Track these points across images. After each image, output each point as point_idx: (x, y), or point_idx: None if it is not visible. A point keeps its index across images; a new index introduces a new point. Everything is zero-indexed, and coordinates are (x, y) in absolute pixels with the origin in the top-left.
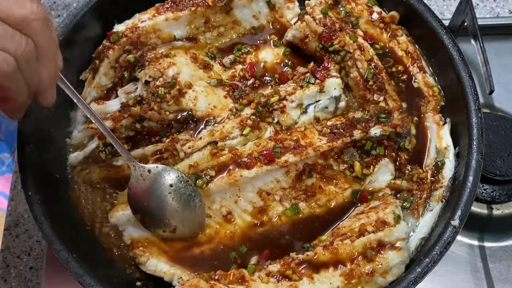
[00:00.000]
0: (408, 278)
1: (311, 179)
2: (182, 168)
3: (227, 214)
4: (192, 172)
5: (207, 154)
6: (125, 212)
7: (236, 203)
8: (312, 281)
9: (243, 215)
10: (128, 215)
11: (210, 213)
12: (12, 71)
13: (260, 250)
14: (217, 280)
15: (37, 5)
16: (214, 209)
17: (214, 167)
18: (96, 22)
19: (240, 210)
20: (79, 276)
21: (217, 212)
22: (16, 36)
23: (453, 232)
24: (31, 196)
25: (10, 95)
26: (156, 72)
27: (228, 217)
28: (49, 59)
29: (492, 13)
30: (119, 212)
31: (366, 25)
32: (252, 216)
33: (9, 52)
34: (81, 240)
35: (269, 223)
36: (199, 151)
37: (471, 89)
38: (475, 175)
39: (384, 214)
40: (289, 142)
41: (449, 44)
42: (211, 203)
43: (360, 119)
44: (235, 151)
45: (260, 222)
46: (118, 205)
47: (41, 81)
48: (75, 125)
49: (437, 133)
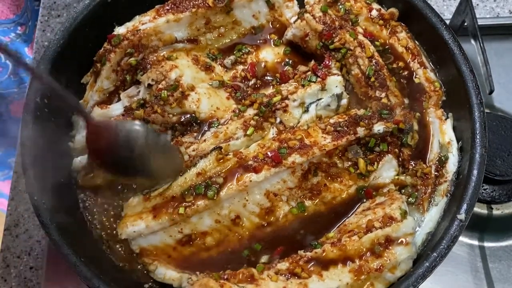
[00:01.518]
0: (416, 273)
1: (316, 178)
2: (190, 177)
3: (235, 218)
4: (201, 181)
5: (213, 160)
6: (136, 228)
7: (244, 207)
8: (321, 278)
9: (251, 217)
10: (139, 231)
11: (218, 219)
12: None
13: (270, 249)
14: (226, 280)
15: None
16: (223, 214)
17: (221, 173)
18: (96, 25)
19: (248, 212)
20: (87, 279)
21: (226, 217)
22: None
23: (460, 226)
24: (36, 201)
25: None
26: (158, 75)
27: (236, 220)
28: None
29: (492, 13)
30: (129, 228)
31: (366, 22)
32: (259, 217)
33: None
34: (88, 243)
35: (276, 223)
36: (204, 158)
37: (473, 83)
38: (479, 168)
39: (391, 210)
40: (294, 142)
41: (449, 39)
42: (220, 209)
43: (362, 116)
44: (240, 155)
45: (267, 222)
46: (126, 218)
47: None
48: (78, 129)
49: (439, 128)
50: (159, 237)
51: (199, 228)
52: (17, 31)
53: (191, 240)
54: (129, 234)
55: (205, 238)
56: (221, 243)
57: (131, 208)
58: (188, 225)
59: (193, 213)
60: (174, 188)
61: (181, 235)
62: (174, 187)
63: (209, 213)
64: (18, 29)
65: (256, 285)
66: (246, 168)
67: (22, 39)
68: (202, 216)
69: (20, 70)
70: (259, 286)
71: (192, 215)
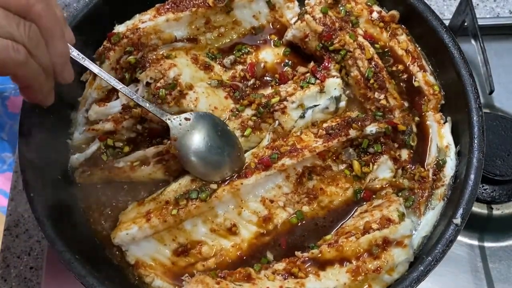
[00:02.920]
0: (411, 277)
1: (311, 182)
2: (185, 182)
3: (231, 226)
4: (195, 186)
5: None
6: (129, 232)
7: (240, 215)
8: (318, 278)
9: (248, 226)
10: (132, 234)
11: (214, 227)
12: (24, 59)
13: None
14: (223, 278)
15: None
16: (218, 222)
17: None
18: (96, 23)
19: (245, 221)
20: (82, 277)
21: (221, 226)
22: (20, 23)
23: (455, 230)
24: (33, 197)
25: (29, 82)
26: (157, 74)
27: (232, 229)
28: (57, 39)
29: (492, 13)
30: (122, 232)
31: (366, 24)
32: (257, 225)
33: (18, 40)
34: (83, 241)
35: (275, 231)
36: None
37: (472, 87)
38: (477, 173)
39: (388, 212)
40: (285, 147)
41: (449, 42)
42: (215, 217)
43: (355, 119)
44: None
45: (266, 231)
46: (121, 225)
47: (54, 61)
48: (76, 126)
49: (438, 131)
50: (154, 246)
51: (194, 237)
52: None
53: (187, 250)
54: (122, 238)
55: (201, 248)
56: (217, 254)
57: (126, 215)
58: (183, 234)
59: (186, 216)
60: (168, 193)
61: (176, 245)
62: (167, 192)
63: (203, 220)
64: None
65: (253, 284)
66: (238, 176)
67: None
68: (197, 223)
69: None
70: (256, 285)
71: (186, 218)
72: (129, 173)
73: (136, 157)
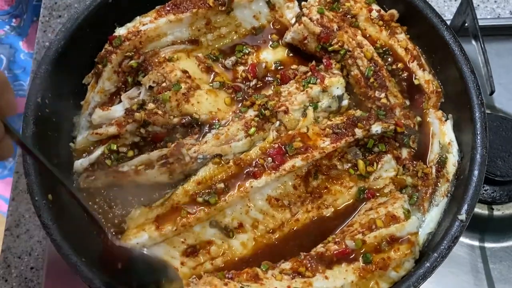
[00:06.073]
0: (417, 273)
1: (316, 181)
2: (191, 186)
3: (238, 226)
4: (202, 189)
5: (213, 168)
6: (140, 240)
7: (247, 214)
8: (326, 277)
9: (255, 224)
10: (142, 242)
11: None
12: None
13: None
14: (231, 279)
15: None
16: (226, 222)
17: (222, 181)
18: (97, 25)
19: (251, 219)
20: (89, 280)
21: (230, 225)
22: None
23: (460, 226)
24: (38, 201)
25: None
26: (159, 77)
27: (240, 228)
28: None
29: (493, 14)
30: (132, 241)
31: (365, 23)
32: (264, 224)
33: None
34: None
35: (281, 230)
36: (204, 166)
37: (474, 83)
38: (480, 169)
39: (393, 209)
40: (297, 143)
41: (450, 39)
42: (223, 217)
43: (360, 118)
44: (240, 161)
45: (271, 229)
46: (129, 231)
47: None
48: (79, 130)
49: (439, 128)
50: (163, 249)
51: (203, 238)
52: (11, 23)
53: (196, 251)
54: (132, 246)
55: (209, 248)
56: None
57: (134, 221)
58: (192, 235)
59: (196, 222)
60: (176, 197)
61: (185, 246)
62: (175, 196)
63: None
64: (12, 21)
65: (260, 284)
66: (247, 174)
67: (16, 32)
68: (205, 225)
69: (14, 66)
70: (264, 285)
71: (195, 224)
72: (133, 177)
73: (140, 160)
